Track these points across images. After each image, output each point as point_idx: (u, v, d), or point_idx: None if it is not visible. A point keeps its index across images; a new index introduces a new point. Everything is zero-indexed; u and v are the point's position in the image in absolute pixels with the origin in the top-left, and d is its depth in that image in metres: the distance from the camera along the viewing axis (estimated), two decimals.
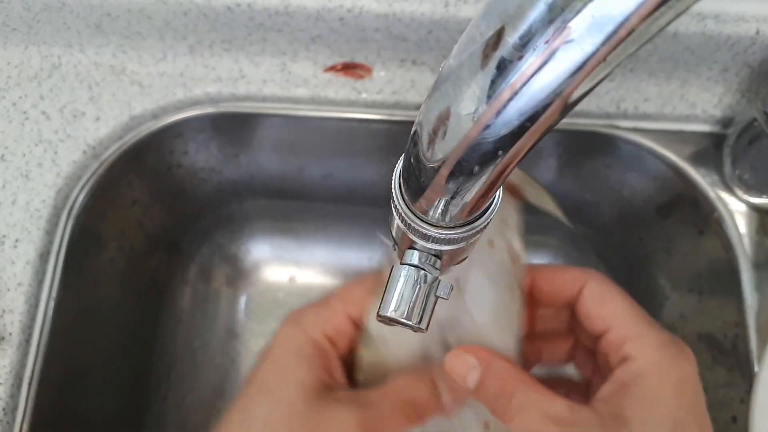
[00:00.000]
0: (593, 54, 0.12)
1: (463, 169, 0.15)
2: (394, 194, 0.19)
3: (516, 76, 0.12)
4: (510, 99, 0.13)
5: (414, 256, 0.20)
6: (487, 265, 0.31)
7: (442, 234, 0.18)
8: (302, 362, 0.28)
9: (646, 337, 0.26)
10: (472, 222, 0.18)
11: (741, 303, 0.38)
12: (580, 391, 0.32)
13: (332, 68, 0.42)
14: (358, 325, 0.31)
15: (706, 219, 0.41)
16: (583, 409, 0.25)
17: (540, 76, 0.12)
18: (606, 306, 0.28)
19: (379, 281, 0.30)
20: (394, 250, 0.23)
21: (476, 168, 0.15)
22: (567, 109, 0.13)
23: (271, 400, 0.27)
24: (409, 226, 0.19)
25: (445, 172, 0.15)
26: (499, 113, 0.13)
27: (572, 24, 0.11)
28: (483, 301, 0.30)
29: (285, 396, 0.27)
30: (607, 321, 0.27)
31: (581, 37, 0.11)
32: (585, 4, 0.11)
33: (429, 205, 0.17)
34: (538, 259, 0.55)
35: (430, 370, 0.30)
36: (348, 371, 0.31)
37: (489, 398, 0.27)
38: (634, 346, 0.26)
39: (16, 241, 0.38)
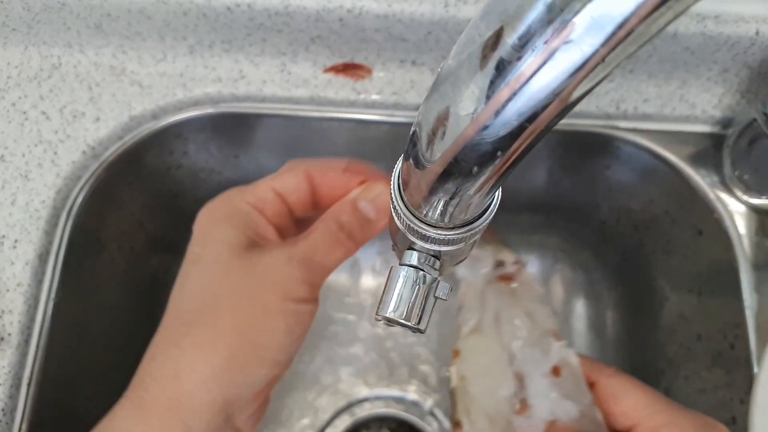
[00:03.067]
0: (592, 55, 0.12)
1: (462, 169, 0.15)
2: (393, 195, 0.19)
3: (515, 77, 0.12)
4: (509, 99, 0.13)
5: (413, 257, 0.20)
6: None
7: (441, 235, 0.18)
8: (227, 225, 0.28)
9: (679, 424, 0.26)
10: (471, 223, 0.18)
11: (740, 304, 0.38)
12: None
13: (332, 69, 0.42)
14: (283, 198, 0.31)
15: (706, 219, 0.41)
16: None
17: (539, 77, 0.12)
18: (625, 402, 0.27)
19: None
20: (394, 250, 0.23)
21: (475, 168, 0.15)
22: (566, 109, 0.13)
23: (201, 266, 0.28)
24: (408, 227, 0.19)
25: (444, 172, 0.15)
26: (497, 114, 0.13)
27: (571, 25, 0.11)
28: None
29: (214, 257, 0.27)
30: (632, 417, 0.27)
31: (580, 38, 0.11)
32: (584, 5, 0.11)
33: (428, 205, 0.17)
34: (539, 259, 0.55)
35: (353, 192, 0.29)
36: (281, 236, 0.30)
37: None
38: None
39: (16, 241, 0.38)
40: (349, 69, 0.42)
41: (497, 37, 0.12)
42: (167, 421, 0.25)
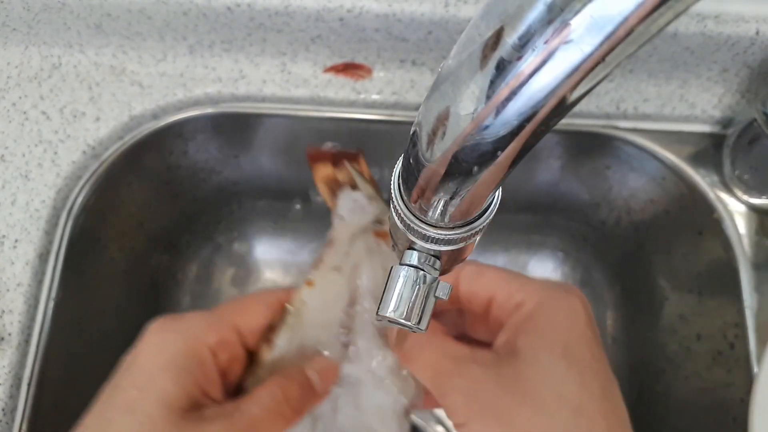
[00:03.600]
0: (592, 54, 0.12)
1: (462, 169, 0.15)
2: (393, 194, 0.19)
3: (515, 77, 0.12)
4: (509, 99, 0.13)
5: (413, 257, 0.20)
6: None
7: (441, 234, 0.18)
8: (171, 375, 0.26)
9: (531, 284, 0.27)
10: (472, 222, 0.18)
11: (740, 303, 0.38)
12: None
13: (332, 68, 0.42)
14: (245, 339, 0.30)
15: (706, 219, 0.41)
16: (481, 350, 0.26)
17: (539, 77, 0.12)
18: (483, 277, 0.28)
19: (281, 306, 0.32)
20: (394, 250, 0.23)
21: (475, 168, 0.15)
22: (566, 109, 0.13)
23: (131, 420, 0.25)
24: (408, 227, 0.19)
25: (444, 172, 0.15)
26: (497, 113, 0.13)
27: (571, 24, 0.11)
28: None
29: (147, 415, 0.25)
30: (490, 287, 0.28)
31: (580, 38, 0.11)
32: (584, 5, 0.11)
33: (428, 205, 0.17)
34: (538, 258, 0.55)
35: (300, 366, 0.30)
36: (228, 384, 0.29)
37: (392, 340, 0.28)
38: (521, 294, 0.26)
39: (16, 241, 0.38)
40: (349, 69, 0.42)
41: (497, 36, 0.12)
42: None
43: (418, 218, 0.18)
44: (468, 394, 0.24)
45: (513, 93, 0.13)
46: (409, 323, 0.20)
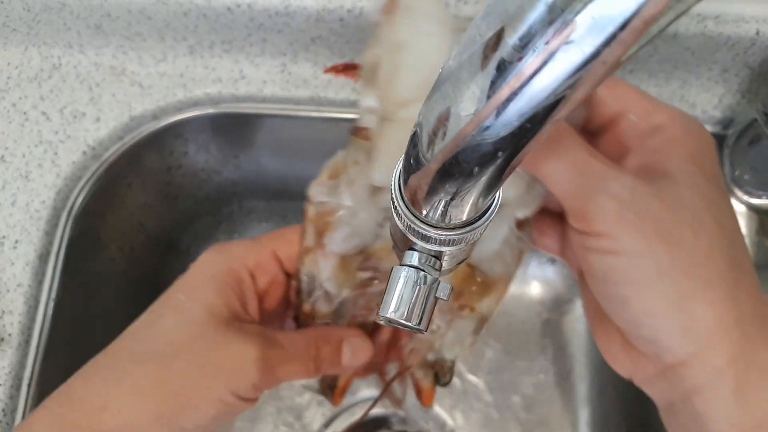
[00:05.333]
0: (593, 55, 0.12)
1: (463, 169, 0.15)
2: (393, 195, 0.19)
3: (516, 77, 0.12)
4: (510, 100, 0.13)
5: (414, 257, 0.20)
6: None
7: (441, 235, 0.18)
8: (216, 287, 0.28)
9: (667, 107, 0.25)
10: (472, 223, 0.18)
11: None
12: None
13: (332, 69, 0.42)
14: (283, 265, 0.31)
15: None
16: (637, 181, 0.23)
17: (540, 77, 0.12)
18: (617, 88, 0.25)
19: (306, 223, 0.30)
20: (394, 250, 0.23)
21: (476, 169, 0.15)
22: (567, 110, 0.13)
23: (178, 318, 0.27)
24: (408, 227, 0.19)
25: (444, 172, 0.15)
26: (498, 114, 0.13)
27: (572, 25, 0.11)
28: None
29: (193, 316, 0.27)
30: (624, 100, 0.25)
31: (581, 39, 0.11)
32: (585, 5, 0.11)
33: (429, 206, 0.17)
34: (539, 259, 0.55)
35: (342, 333, 0.31)
36: (264, 307, 0.31)
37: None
38: (661, 116, 0.24)
39: (16, 242, 0.38)
40: (349, 69, 0.42)
41: (498, 37, 0.12)
42: None
43: (418, 219, 0.18)
44: (623, 201, 0.22)
45: (514, 93, 0.13)
46: (409, 324, 0.20)
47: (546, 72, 0.12)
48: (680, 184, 0.23)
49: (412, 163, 0.16)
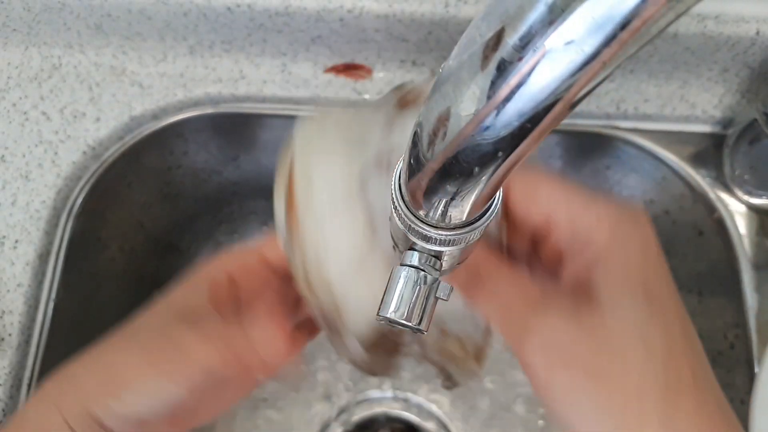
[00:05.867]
0: (593, 55, 0.12)
1: (463, 169, 0.15)
2: (393, 195, 0.19)
3: (516, 77, 0.12)
4: (510, 100, 0.13)
5: (414, 257, 0.20)
6: None
7: (441, 235, 0.18)
8: (185, 292, 0.30)
9: (595, 208, 0.24)
10: (472, 223, 0.18)
11: (741, 304, 0.38)
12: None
13: (332, 69, 0.42)
14: (273, 267, 0.32)
15: (706, 220, 0.41)
16: (553, 291, 0.24)
17: (540, 78, 0.12)
18: (539, 192, 0.25)
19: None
20: (395, 250, 0.23)
21: (476, 169, 0.15)
22: (567, 110, 0.13)
23: (148, 319, 0.30)
24: (408, 227, 0.19)
25: (445, 172, 0.15)
26: (498, 114, 0.13)
27: (572, 25, 0.11)
28: None
29: (157, 312, 0.30)
30: (548, 206, 0.25)
31: (581, 39, 0.11)
32: (585, 5, 0.11)
33: (429, 206, 0.17)
34: None
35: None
36: (258, 306, 0.31)
37: (461, 282, 0.25)
38: (587, 222, 0.24)
39: (16, 241, 0.38)
40: (349, 69, 0.42)
41: (498, 37, 0.12)
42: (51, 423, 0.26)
43: (418, 218, 0.18)
44: (548, 345, 0.23)
45: (514, 94, 0.13)
46: (409, 324, 0.20)
47: (546, 72, 0.12)
48: (606, 312, 0.22)
49: (412, 163, 0.16)
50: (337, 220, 0.26)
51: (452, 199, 0.16)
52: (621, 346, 0.22)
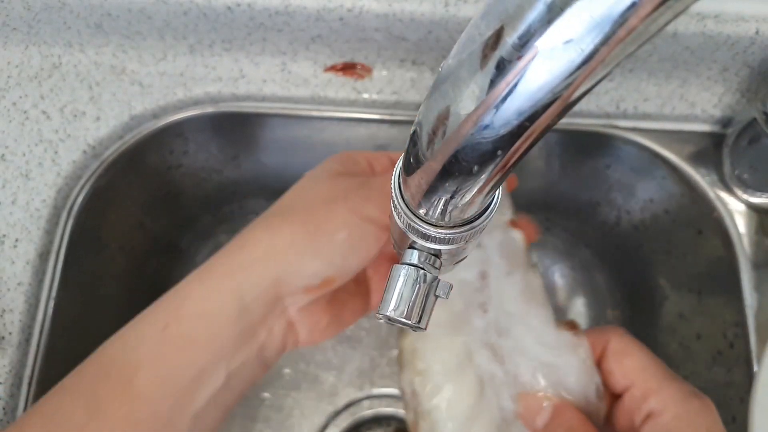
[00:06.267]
0: (592, 54, 0.12)
1: (463, 168, 0.15)
2: (393, 194, 0.19)
3: (515, 76, 0.12)
4: (509, 98, 0.13)
5: (413, 256, 0.20)
6: (501, 247, 0.32)
7: (441, 233, 0.18)
8: (332, 161, 0.33)
9: (668, 391, 0.26)
10: (472, 222, 0.18)
11: (740, 303, 0.38)
12: None
13: (332, 68, 0.42)
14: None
15: (706, 219, 0.41)
16: None
17: (539, 76, 0.12)
18: (626, 362, 0.28)
19: None
20: (395, 249, 0.23)
21: (475, 167, 0.15)
22: (566, 108, 0.13)
23: (304, 181, 0.33)
24: (408, 226, 0.19)
25: (444, 171, 0.15)
26: (498, 113, 0.13)
27: (571, 24, 0.11)
28: (508, 287, 0.31)
29: (315, 176, 0.32)
30: (629, 377, 0.28)
31: (580, 37, 0.11)
32: (584, 4, 0.11)
33: (428, 204, 0.17)
34: (539, 259, 0.55)
35: None
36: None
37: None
38: (658, 400, 0.26)
39: (16, 240, 0.38)
40: (349, 68, 0.42)
41: (497, 36, 0.12)
42: (222, 285, 0.28)
43: (418, 217, 0.18)
44: None
45: (513, 92, 0.13)
46: (409, 322, 0.20)
47: (545, 71, 0.12)
48: None
49: (411, 162, 0.16)
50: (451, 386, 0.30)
51: (451, 197, 0.16)
52: None
